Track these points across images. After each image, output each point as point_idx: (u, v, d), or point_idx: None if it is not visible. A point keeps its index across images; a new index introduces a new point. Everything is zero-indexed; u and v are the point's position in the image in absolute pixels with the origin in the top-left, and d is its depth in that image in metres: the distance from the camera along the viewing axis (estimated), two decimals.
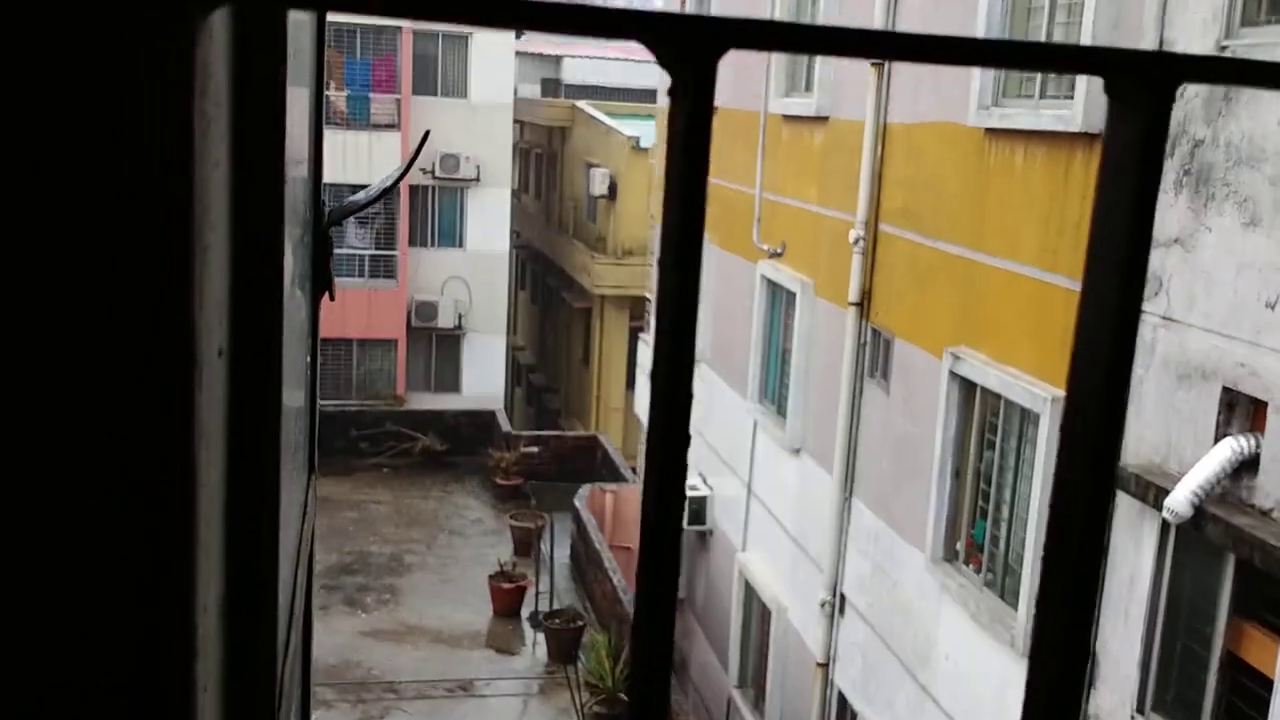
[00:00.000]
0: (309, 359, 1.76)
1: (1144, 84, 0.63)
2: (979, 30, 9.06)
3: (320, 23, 1.70)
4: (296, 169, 1.56)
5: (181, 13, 0.48)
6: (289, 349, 1.32)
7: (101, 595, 0.53)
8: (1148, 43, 7.19)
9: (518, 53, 29.88)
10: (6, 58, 0.45)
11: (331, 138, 28.31)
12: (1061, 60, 0.65)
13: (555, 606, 18.44)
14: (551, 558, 19.59)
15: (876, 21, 10.75)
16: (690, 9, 16.56)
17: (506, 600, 18.80)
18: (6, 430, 0.49)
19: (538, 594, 18.77)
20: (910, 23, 10.44)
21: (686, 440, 0.59)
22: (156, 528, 0.53)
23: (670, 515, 0.60)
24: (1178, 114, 7.00)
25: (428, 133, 3.25)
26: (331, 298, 1.75)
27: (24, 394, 0.48)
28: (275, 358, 0.81)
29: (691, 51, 0.58)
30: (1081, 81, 7.82)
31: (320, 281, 1.69)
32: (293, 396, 1.53)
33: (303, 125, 1.65)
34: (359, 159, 26.09)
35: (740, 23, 0.57)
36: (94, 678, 0.53)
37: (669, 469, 0.55)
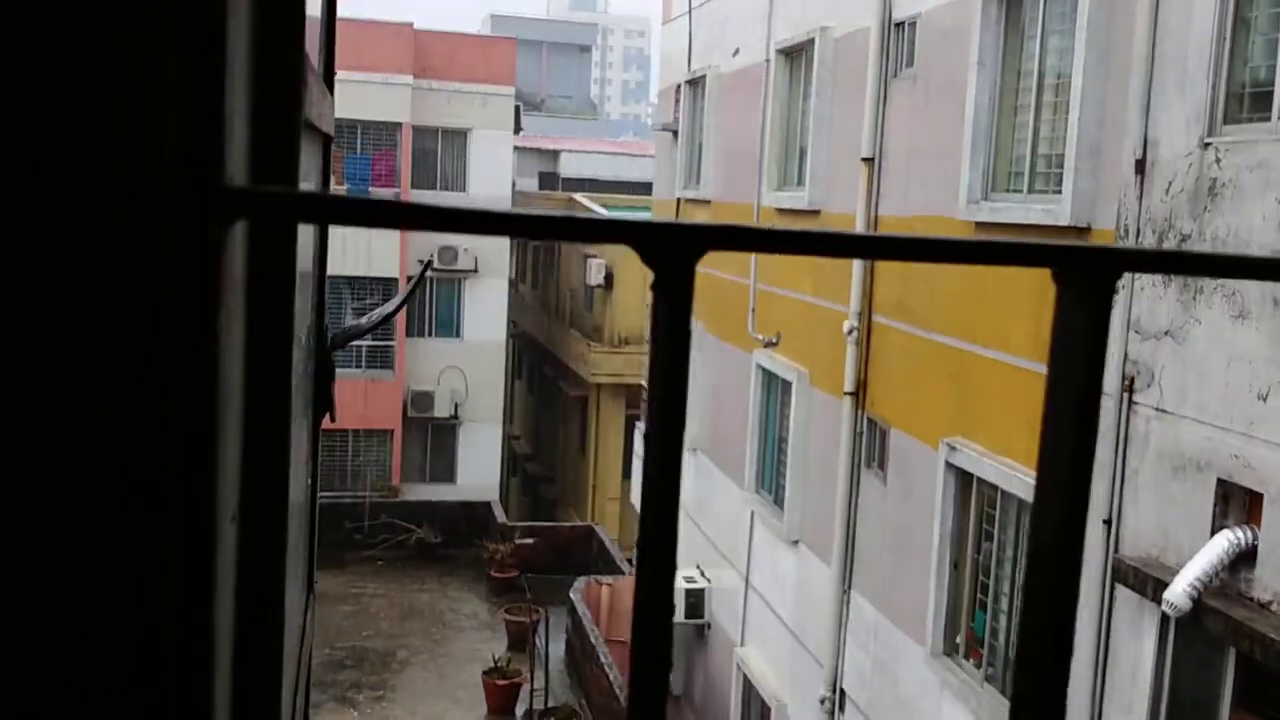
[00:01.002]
0: (309, 482, 1.80)
1: (1089, 274, 0.68)
2: (967, 127, 9.24)
3: (326, 152, 1.77)
4: (303, 299, 1.62)
5: (212, 232, 0.53)
6: (292, 482, 1.36)
7: None
8: (1131, 140, 7.33)
9: (516, 147, 30.31)
10: (59, 258, 0.50)
11: (331, 231, 28.60)
12: (1013, 255, 0.71)
13: (550, 704, 18.19)
14: (546, 653, 19.37)
15: (866, 120, 10.96)
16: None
17: (501, 697, 18.54)
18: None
19: (532, 691, 18.52)
20: (900, 123, 10.64)
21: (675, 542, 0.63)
22: (170, 692, 0.57)
23: (661, 602, 0.63)
24: (1165, 208, 7.12)
25: (429, 263, 3.32)
26: (333, 419, 1.80)
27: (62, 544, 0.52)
28: (282, 517, 0.86)
29: (673, 253, 0.63)
30: (1069, 175, 7.96)
31: (322, 405, 1.74)
32: (295, 520, 1.56)
33: (308, 251, 1.71)
34: (358, 252, 26.35)
35: (717, 228, 0.63)
36: None
37: (659, 565, 0.58)
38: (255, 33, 0.73)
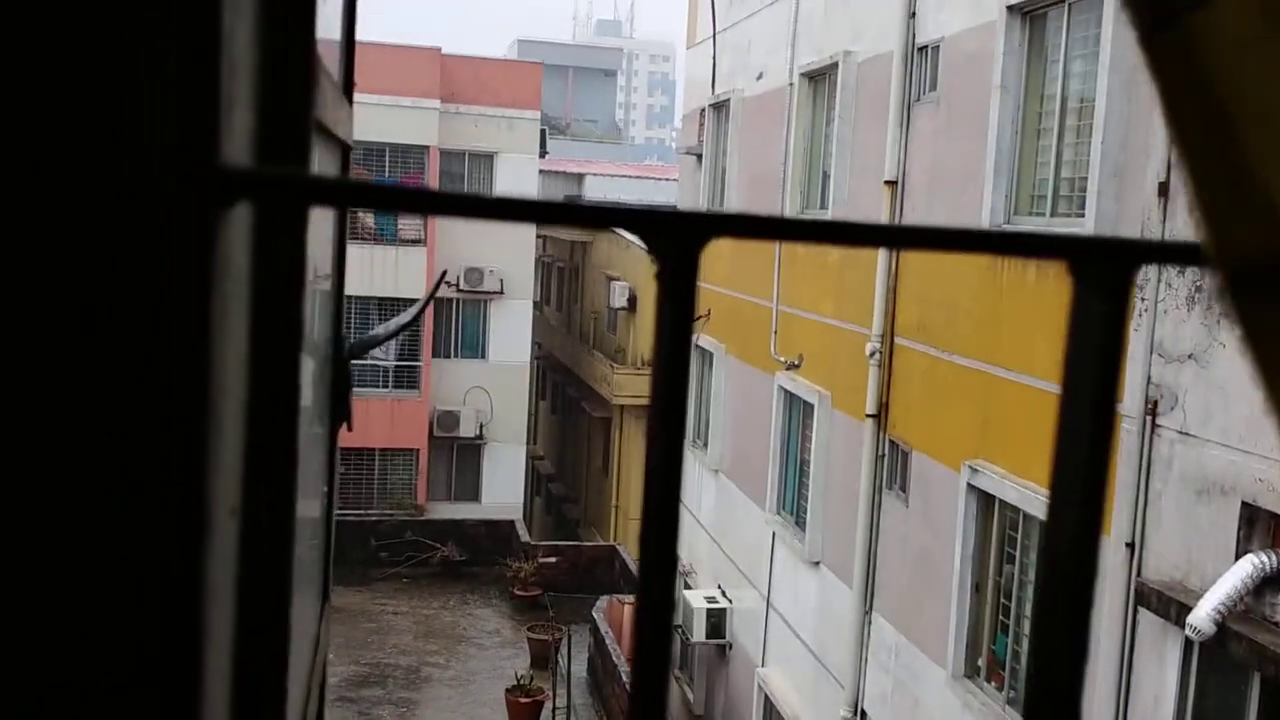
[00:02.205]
0: (326, 489, 1.80)
1: (1105, 267, 0.67)
2: (990, 150, 9.22)
3: (345, 162, 1.78)
4: (319, 303, 1.62)
5: (203, 211, 0.53)
6: (305, 488, 1.36)
7: None
8: (1155, 163, 7.30)
9: (541, 171, 30.44)
10: (43, 233, 0.50)
11: (359, 253, 28.60)
12: (1027, 247, 0.70)
13: None
14: (569, 671, 19.33)
15: (889, 143, 10.95)
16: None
17: (523, 715, 18.51)
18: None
19: (554, 709, 18.48)
20: (923, 146, 10.63)
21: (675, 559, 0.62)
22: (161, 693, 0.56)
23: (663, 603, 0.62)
24: (1189, 232, 7.07)
25: (444, 273, 3.34)
26: (349, 428, 1.80)
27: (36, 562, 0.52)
28: (289, 513, 0.85)
29: (678, 240, 0.62)
30: (1092, 198, 7.93)
31: (339, 413, 1.74)
32: (308, 528, 1.56)
33: (327, 257, 1.72)
34: (385, 274, 26.49)
35: (721, 216, 0.62)
36: None
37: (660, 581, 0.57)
38: (263, 25, 0.73)
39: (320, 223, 1.53)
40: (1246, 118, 0.54)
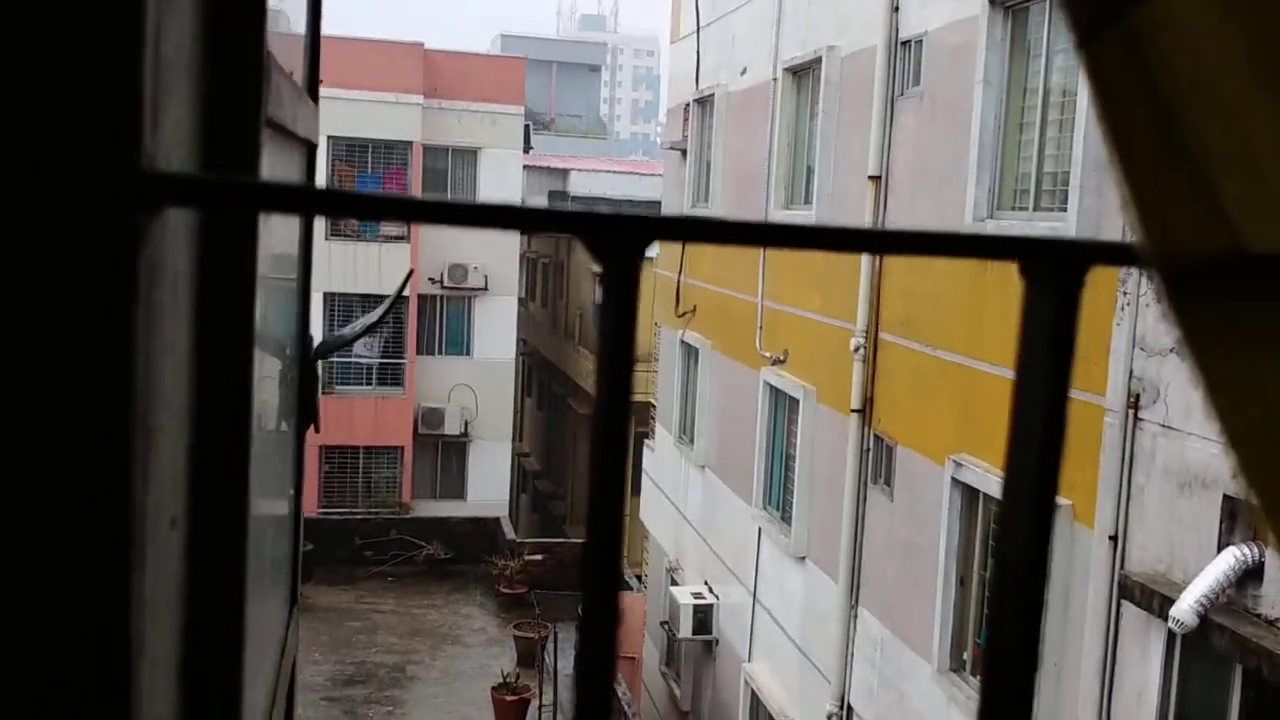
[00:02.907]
0: (293, 491, 1.79)
1: (1057, 267, 0.66)
2: (973, 145, 9.23)
3: (310, 161, 1.76)
4: (284, 303, 1.60)
5: (125, 216, 0.51)
6: (269, 490, 1.34)
7: None
8: None
9: (525, 166, 30.40)
10: None
11: (342, 249, 28.49)
12: (981, 247, 0.69)
13: (559, 719, 18.14)
14: (555, 669, 19.32)
15: (873, 138, 10.95)
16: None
17: (509, 713, 18.49)
18: None
19: (541, 706, 18.47)
20: (906, 141, 10.63)
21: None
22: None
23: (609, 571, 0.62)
24: None
25: (410, 272, 3.33)
26: (316, 430, 1.78)
27: None
28: (240, 522, 0.84)
29: (619, 244, 0.61)
30: (1075, 192, 7.94)
31: (305, 414, 1.72)
32: (272, 531, 1.55)
33: (292, 256, 1.70)
34: (369, 270, 26.42)
35: (663, 219, 0.62)
36: None
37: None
38: (205, 22, 0.72)
39: (285, 223, 1.52)
40: (1196, 116, 0.54)
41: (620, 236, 0.62)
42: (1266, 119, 0.50)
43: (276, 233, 1.38)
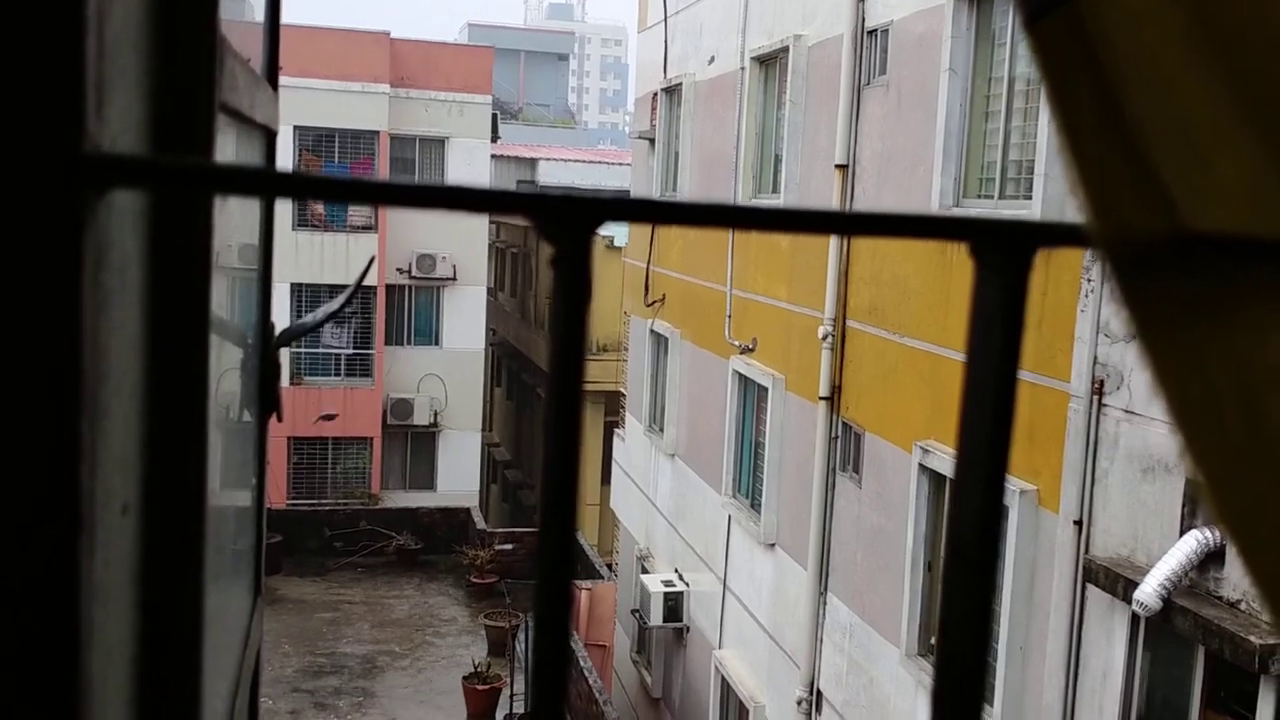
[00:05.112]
0: (255, 480, 1.78)
1: (1006, 248, 0.67)
2: (939, 133, 9.27)
3: (270, 148, 1.75)
4: (243, 291, 1.59)
5: (68, 199, 0.51)
6: (230, 479, 1.34)
7: None
8: None
9: (493, 156, 30.30)
10: None
11: (310, 239, 28.30)
12: (932, 229, 0.69)
13: (530, 708, 18.14)
14: (526, 657, 19.32)
15: (840, 127, 10.98)
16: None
17: (481, 702, 18.49)
18: None
19: (512, 695, 18.48)
20: (873, 129, 10.67)
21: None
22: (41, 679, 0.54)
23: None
24: None
25: (373, 259, 3.31)
26: (279, 419, 1.78)
27: None
28: (198, 509, 0.84)
29: (570, 225, 0.61)
30: (1039, 180, 8.00)
31: (267, 403, 1.71)
32: (233, 521, 1.54)
33: (252, 244, 1.69)
34: (336, 260, 26.27)
35: (613, 200, 0.62)
36: None
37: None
38: (153, 5, 0.71)
39: (244, 210, 1.51)
40: (1137, 96, 0.54)
41: (571, 217, 0.62)
42: (1204, 100, 0.51)
43: (235, 220, 1.37)
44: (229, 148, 1.28)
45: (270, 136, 1.69)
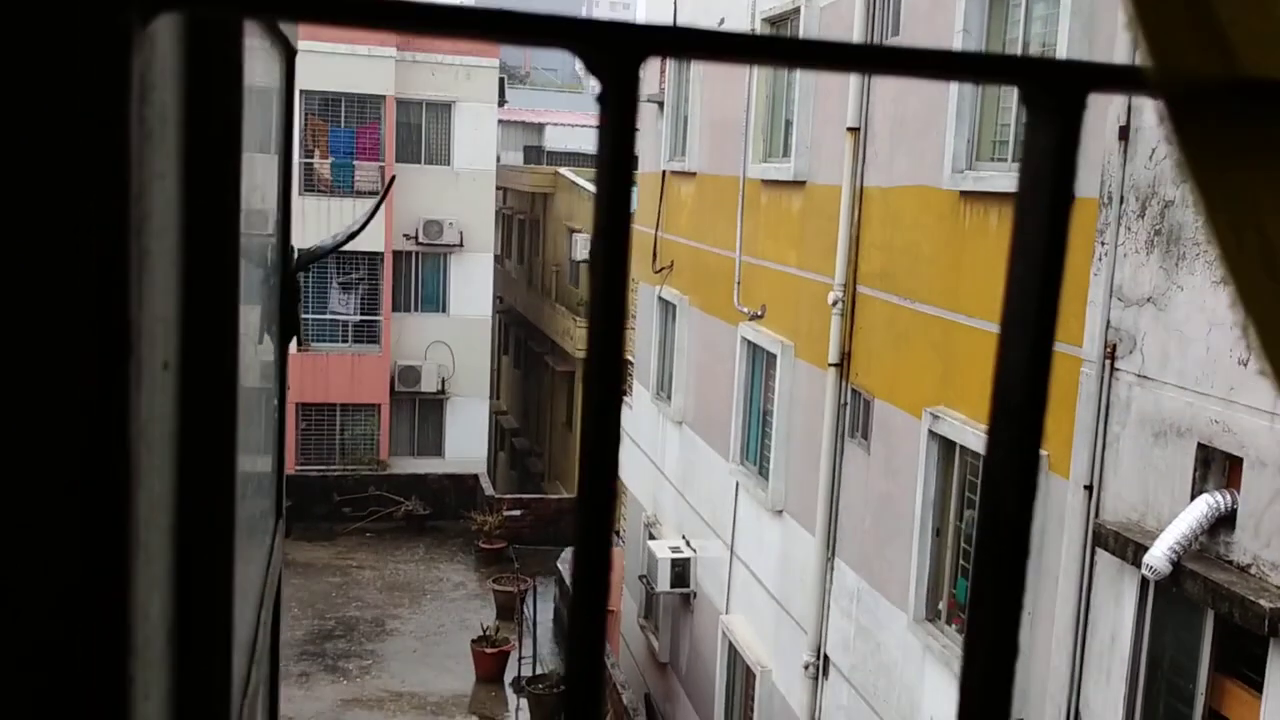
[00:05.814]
0: (277, 402, 1.77)
1: (1058, 90, 0.65)
2: (952, 96, 9.20)
3: (290, 65, 1.73)
4: (264, 211, 1.58)
5: (116, 20, 0.50)
6: (249, 381, 1.33)
7: (25, 609, 0.53)
8: (1115, 108, 7.31)
9: (500, 120, 30.18)
10: None
11: (317, 204, 28.23)
12: (976, 69, 0.67)
13: (539, 671, 18.26)
14: (535, 622, 19.43)
15: (851, 90, 10.91)
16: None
17: (489, 665, 18.60)
18: None
19: (520, 659, 18.59)
20: (885, 93, 10.60)
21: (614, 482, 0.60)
22: (90, 530, 0.54)
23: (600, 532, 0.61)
24: (1149, 175, 7.11)
25: (393, 178, 3.30)
26: (300, 345, 1.77)
27: None
28: (230, 373, 0.82)
29: (618, 55, 0.60)
30: None
31: (289, 326, 1.70)
32: (256, 434, 1.53)
33: (271, 169, 1.68)
34: (343, 225, 26.20)
35: (663, 29, 0.60)
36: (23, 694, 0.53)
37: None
38: None
39: (264, 140, 1.50)
40: None
41: (618, 48, 0.60)
42: None
43: (257, 176, 1.36)
44: (257, 65, 1.26)
45: (290, 55, 1.67)
